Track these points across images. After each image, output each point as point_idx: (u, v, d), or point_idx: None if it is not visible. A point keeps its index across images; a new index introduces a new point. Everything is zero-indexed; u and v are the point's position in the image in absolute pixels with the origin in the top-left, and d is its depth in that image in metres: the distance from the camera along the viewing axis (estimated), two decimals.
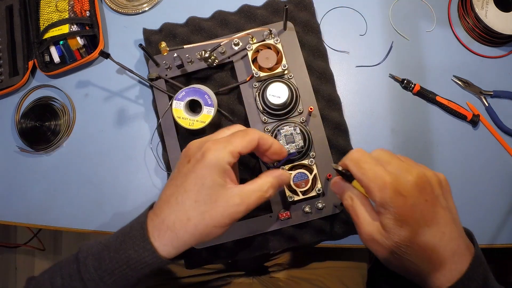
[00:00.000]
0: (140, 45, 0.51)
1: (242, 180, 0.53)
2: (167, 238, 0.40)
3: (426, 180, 0.37)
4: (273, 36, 0.54)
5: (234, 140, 0.40)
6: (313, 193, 0.50)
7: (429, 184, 0.37)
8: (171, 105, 0.54)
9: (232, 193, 0.39)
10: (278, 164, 0.46)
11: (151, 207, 0.44)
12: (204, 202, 0.39)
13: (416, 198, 0.35)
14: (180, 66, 0.56)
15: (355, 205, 0.39)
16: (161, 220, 0.40)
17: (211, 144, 0.39)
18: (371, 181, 0.36)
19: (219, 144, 0.39)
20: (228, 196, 0.39)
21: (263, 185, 0.40)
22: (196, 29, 0.59)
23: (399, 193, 0.35)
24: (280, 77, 0.54)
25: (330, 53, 0.58)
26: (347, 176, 0.39)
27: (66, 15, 0.61)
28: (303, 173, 0.51)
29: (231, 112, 0.57)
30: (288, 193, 0.51)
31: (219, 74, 0.57)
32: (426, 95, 0.57)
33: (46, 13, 0.62)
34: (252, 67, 0.53)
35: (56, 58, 0.61)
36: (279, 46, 0.53)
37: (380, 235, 0.36)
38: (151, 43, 0.59)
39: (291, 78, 0.54)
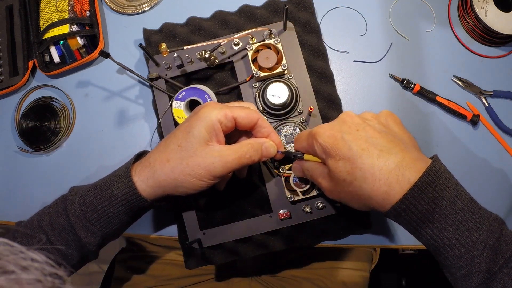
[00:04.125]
0: (140, 45, 0.51)
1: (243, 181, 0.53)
2: (145, 174, 0.43)
3: (351, 114, 0.41)
4: (273, 36, 0.54)
5: (234, 107, 0.44)
6: (313, 193, 0.50)
7: (356, 117, 0.41)
8: (171, 105, 0.54)
9: (212, 149, 0.42)
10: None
11: (141, 153, 0.48)
12: (185, 149, 0.41)
13: (344, 130, 0.39)
14: (180, 66, 0.56)
15: (312, 172, 0.44)
16: (147, 158, 0.44)
17: (211, 103, 0.44)
18: (304, 140, 0.43)
19: (218, 104, 0.43)
20: (208, 150, 0.41)
21: (242, 146, 0.43)
22: (196, 29, 0.59)
23: (329, 134, 0.39)
24: (280, 77, 0.54)
25: (330, 53, 0.58)
26: (298, 156, 0.46)
27: (66, 15, 0.61)
28: None
29: None
30: (288, 193, 0.51)
31: (219, 74, 0.57)
32: (426, 95, 0.57)
33: (46, 13, 0.62)
34: (252, 67, 0.53)
35: (56, 58, 0.61)
36: (279, 46, 0.53)
37: (333, 183, 0.40)
38: (151, 43, 0.59)
39: (291, 78, 0.54)
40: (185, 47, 0.51)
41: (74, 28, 0.60)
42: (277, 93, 0.51)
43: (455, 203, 0.37)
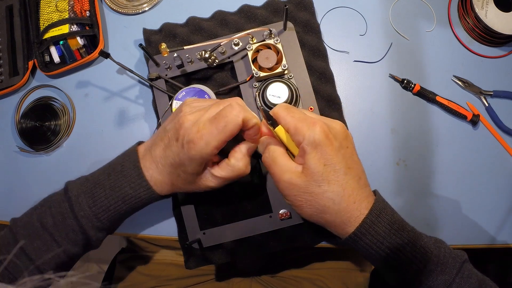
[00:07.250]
0: (140, 45, 0.51)
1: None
2: (156, 188, 0.45)
3: (347, 131, 0.42)
4: (273, 36, 0.54)
5: (218, 134, 0.39)
6: None
7: (349, 135, 0.42)
8: (171, 105, 0.54)
9: (206, 176, 0.44)
10: None
11: (138, 143, 0.48)
12: (185, 179, 0.44)
13: (340, 143, 0.40)
14: (180, 66, 0.56)
15: (275, 155, 0.41)
16: (150, 175, 0.44)
17: (197, 138, 0.39)
18: (301, 120, 0.39)
19: (203, 139, 0.39)
20: (204, 179, 0.44)
21: (234, 167, 0.43)
22: (196, 29, 0.59)
23: (326, 135, 0.38)
24: (280, 77, 0.54)
25: (330, 53, 0.58)
26: (272, 121, 0.42)
27: (66, 15, 0.61)
28: None
29: None
30: None
31: (219, 74, 0.57)
32: (426, 95, 0.57)
33: (46, 13, 0.62)
34: (252, 67, 0.53)
35: (56, 58, 0.61)
36: (279, 46, 0.53)
37: (299, 179, 0.39)
38: (151, 43, 0.59)
39: (291, 78, 0.54)
40: (185, 47, 0.51)
41: (74, 28, 0.60)
42: (277, 93, 0.51)
43: (405, 225, 0.41)
